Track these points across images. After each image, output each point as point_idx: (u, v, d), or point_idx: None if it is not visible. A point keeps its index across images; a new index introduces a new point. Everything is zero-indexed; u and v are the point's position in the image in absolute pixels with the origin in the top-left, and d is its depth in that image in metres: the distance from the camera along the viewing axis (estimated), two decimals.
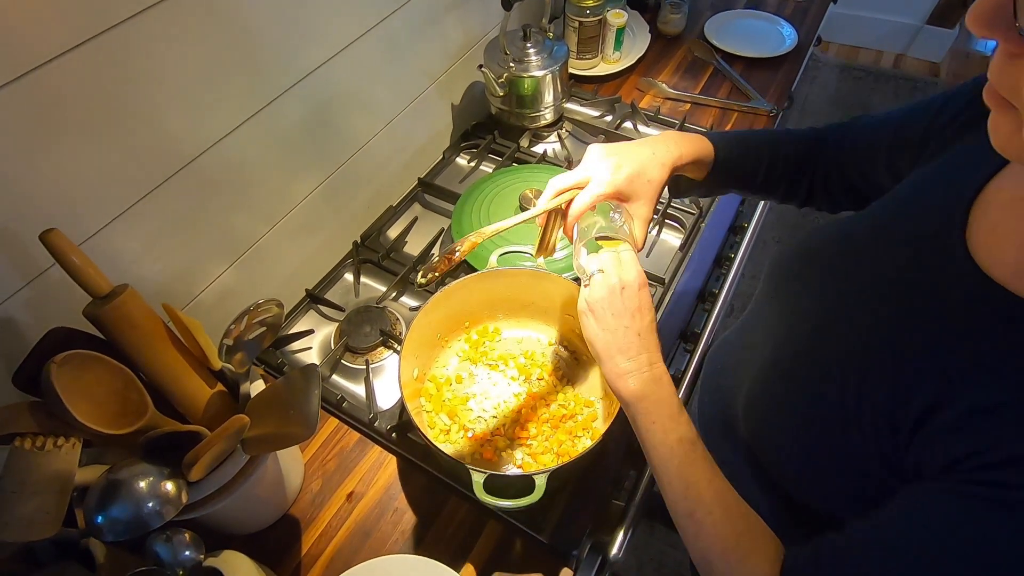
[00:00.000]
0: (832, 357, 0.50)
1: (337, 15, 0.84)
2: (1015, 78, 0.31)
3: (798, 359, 0.54)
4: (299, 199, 0.92)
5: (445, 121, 1.22)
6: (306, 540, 0.75)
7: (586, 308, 0.57)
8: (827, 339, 0.51)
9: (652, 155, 0.62)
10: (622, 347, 0.54)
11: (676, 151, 0.63)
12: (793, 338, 0.56)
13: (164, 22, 0.62)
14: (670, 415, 0.53)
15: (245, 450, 0.59)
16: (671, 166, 0.62)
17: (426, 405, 0.81)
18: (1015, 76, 0.31)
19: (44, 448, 0.50)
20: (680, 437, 0.52)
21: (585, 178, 0.61)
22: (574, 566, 0.71)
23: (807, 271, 0.58)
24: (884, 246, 0.51)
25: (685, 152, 0.64)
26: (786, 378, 0.55)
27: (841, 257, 0.55)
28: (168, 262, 0.75)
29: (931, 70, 2.97)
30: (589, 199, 0.60)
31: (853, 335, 0.49)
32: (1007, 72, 0.32)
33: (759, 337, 0.63)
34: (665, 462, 0.52)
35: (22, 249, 0.59)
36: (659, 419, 0.53)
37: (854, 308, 0.50)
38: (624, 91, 1.33)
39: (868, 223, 0.55)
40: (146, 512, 0.51)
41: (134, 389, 0.56)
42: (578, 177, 0.62)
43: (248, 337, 0.61)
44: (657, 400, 0.53)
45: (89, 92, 0.59)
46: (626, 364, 0.54)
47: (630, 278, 0.55)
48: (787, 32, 1.42)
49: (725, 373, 0.70)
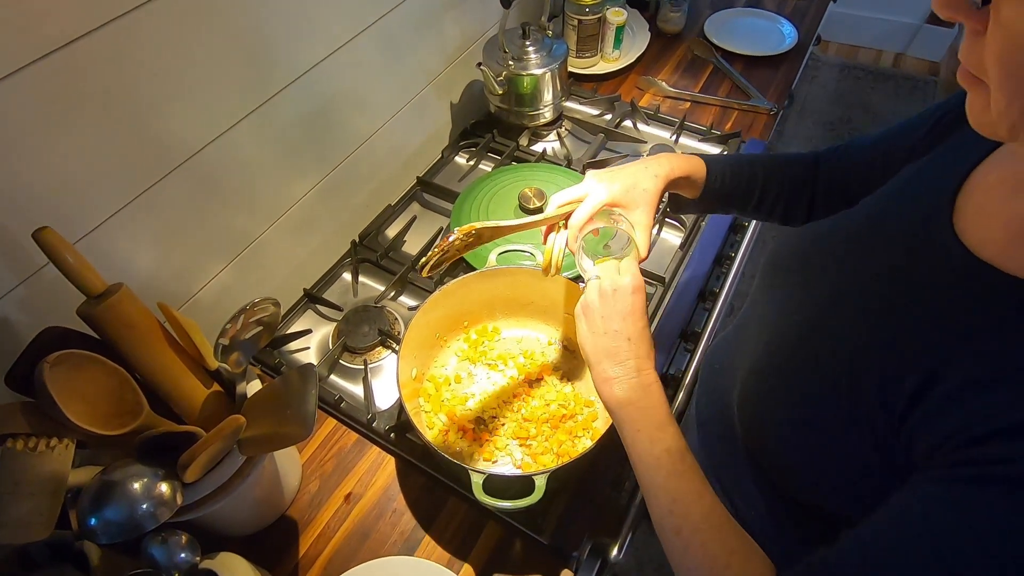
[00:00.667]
0: (824, 346, 0.49)
1: (335, 12, 0.83)
2: (979, 54, 0.33)
3: (790, 351, 0.53)
4: (297, 198, 0.92)
5: (444, 120, 1.21)
6: (304, 542, 0.74)
7: (579, 311, 0.58)
8: (819, 329, 0.51)
9: (645, 168, 0.65)
10: (610, 351, 0.54)
11: (668, 165, 0.66)
12: (785, 331, 0.55)
13: (160, 19, 0.62)
14: (657, 424, 0.52)
15: (241, 451, 0.58)
16: (664, 178, 0.65)
17: (425, 405, 0.80)
18: (979, 52, 0.33)
19: (37, 449, 0.49)
20: (667, 448, 0.50)
21: (583, 193, 0.64)
22: (574, 567, 0.71)
23: (799, 266, 0.59)
24: (874, 238, 0.51)
25: (676, 167, 0.66)
26: (778, 370, 0.54)
27: (832, 250, 0.55)
28: (164, 261, 0.75)
29: (930, 69, 2.97)
30: (588, 210, 0.62)
31: (844, 323, 0.49)
32: (974, 50, 0.34)
33: (752, 332, 0.63)
34: (651, 473, 0.50)
35: (16, 247, 0.58)
36: (644, 428, 0.52)
37: (845, 298, 0.50)
38: (624, 90, 1.32)
39: (859, 218, 0.55)
40: (140, 514, 0.50)
41: (129, 389, 0.55)
42: (577, 193, 0.64)
43: (244, 336, 0.60)
44: (643, 408, 0.52)
45: (84, 89, 0.58)
46: (613, 370, 0.53)
47: (624, 282, 0.56)
48: (787, 30, 1.42)
49: (722, 372, 0.70)
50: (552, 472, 0.61)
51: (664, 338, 0.90)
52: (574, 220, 0.63)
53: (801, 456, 0.52)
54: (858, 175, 0.66)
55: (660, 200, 0.65)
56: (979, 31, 0.33)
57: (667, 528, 0.50)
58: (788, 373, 0.53)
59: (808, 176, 0.72)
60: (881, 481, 0.44)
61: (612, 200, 0.63)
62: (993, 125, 0.35)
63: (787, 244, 0.62)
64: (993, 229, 0.41)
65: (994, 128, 0.35)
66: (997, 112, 0.34)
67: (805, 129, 2.74)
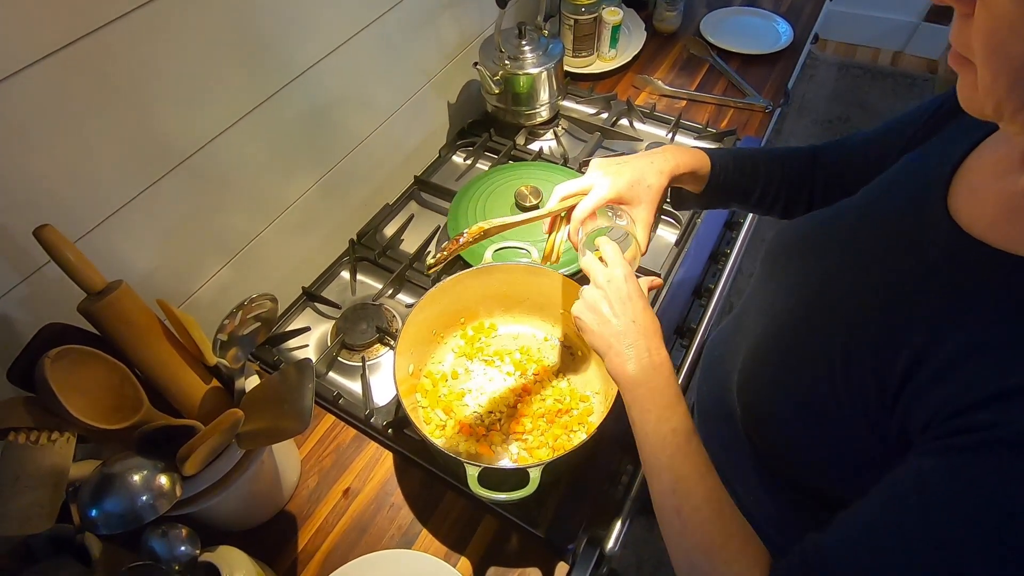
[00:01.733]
0: (819, 326, 0.50)
1: (332, 12, 0.84)
2: (967, 35, 0.35)
3: (787, 332, 0.54)
4: (295, 197, 0.92)
5: (441, 119, 1.22)
6: (302, 536, 0.75)
7: (580, 309, 0.59)
8: (814, 310, 0.52)
9: (650, 163, 0.65)
10: (618, 335, 0.55)
11: (673, 161, 0.66)
12: (783, 314, 0.56)
13: (160, 19, 0.63)
14: (666, 404, 0.53)
15: (240, 445, 0.59)
16: (669, 174, 0.66)
17: (422, 401, 0.81)
18: (967, 34, 0.35)
19: (38, 443, 0.50)
20: (674, 428, 0.51)
21: (588, 185, 0.65)
22: (570, 560, 0.72)
23: (797, 252, 0.59)
24: (871, 221, 0.52)
25: (682, 162, 0.67)
26: (776, 352, 0.55)
27: (830, 235, 0.56)
28: (164, 259, 0.76)
29: (929, 67, 2.97)
30: (591, 204, 0.63)
31: (839, 303, 0.50)
32: (963, 32, 0.36)
33: (751, 318, 0.64)
34: (656, 452, 0.51)
35: (18, 245, 0.59)
36: (654, 408, 0.53)
37: (841, 279, 0.51)
38: (620, 88, 1.33)
39: (856, 204, 0.56)
40: (140, 505, 0.51)
41: (129, 384, 0.56)
42: (581, 184, 0.65)
43: (242, 332, 0.61)
44: (653, 388, 0.53)
45: (85, 89, 0.59)
46: (625, 351, 0.55)
47: (615, 272, 0.58)
48: (783, 28, 1.42)
49: (722, 360, 0.70)
50: (546, 465, 0.62)
51: None
52: (577, 213, 0.64)
53: (799, 438, 0.52)
54: (857, 168, 0.67)
55: (663, 196, 0.66)
56: (968, 14, 0.35)
57: (667, 508, 0.50)
58: (785, 354, 0.54)
59: (808, 169, 0.72)
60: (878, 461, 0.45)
61: (616, 195, 0.64)
62: (980, 103, 0.37)
63: (786, 232, 0.63)
64: (984, 208, 0.43)
65: (981, 106, 0.37)
66: (984, 89, 0.35)
67: (803, 127, 2.74)
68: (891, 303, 0.45)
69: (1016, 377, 0.35)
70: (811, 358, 0.50)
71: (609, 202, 0.64)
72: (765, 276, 0.65)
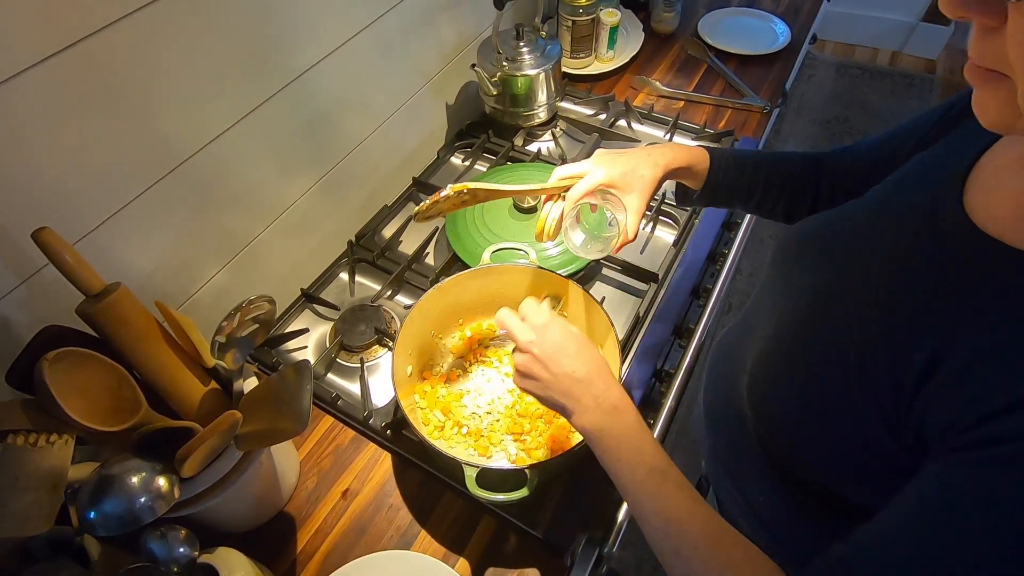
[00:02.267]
0: (832, 326, 0.49)
1: (331, 14, 0.85)
2: (999, 47, 0.32)
3: (797, 332, 0.54)
4: (294, 198, 0.93)
5: (439, 120, 1.22)
6: (301, 537, 0.75)
7: (519, 378, 0.59)
8: (826, 310, 0.51)
9: (647, 156, 0.68)
10: (563, 393, 0.55)
11: (670, 155, 0.69)
12: (793, 313, 0.55)
13: (158, 22, 0.63)
14: (634, 447, 0.52)
15: (238, 446, 0.59)
16: (664, 167, 0.68)
17: (420, 402, 0.81)
18: (999, 45, 0.32)
19: (37, 445, 0.50)
20: (649, 469, 0.50)
21: (585, 170, 0.68)
22: (569, 561, 0.72)
23: (807, 251, 0.59)
24: (882, 220, 0.51)
25: (679, 156, 0.69)
26: (787, 352, 0.54)
27: (840, 235, 0.56)
28: (162, 261, 0.76)
29: (927, 67, 2.98)
30: (587, 186, 0.66)
31: (852, 303, 0.49)
32: (989, 45, 0.33)
33: (761, 319, 0.64)
34: (639, 498, 0.50)
35: (16, 248, 0.59)
36: (623, 454, 0.52)
37: (853, 278, 0.50)
38: (618, 89, 1.33)
39: (867, 203, 0.56)
40: (138, 507, 0.51)
41: (127, 386, 0.56)
42: (579, 169, 0.69)
43: (240, 334, 0.61)
44: (617, 435, 0.52)
45: (83, 91, 0.60)
46: (575, 406, 0.55)
47: (535, 322, 0.59)
48: (780, 29, 1.43)
49: (730, 360, 0.70)
50: (543, 465, 0.62)
51: (658, 335, 0.91)
52: (571, 194, 0.67)
53: (811, 438, 0.51)
54: (865, 173, 0.66)
55: (658, 188, 0.68)
56: (994, 27, 0.32)
57: (666, 551, 0.48)
58: (796, 354, 0.53)
59: (811, 175, 0.72)
60: (891, 462, 0.44)
61: (610, 181, 0.66)
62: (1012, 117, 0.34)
63: (795, 232, 0.63)
64: (1001, 207, 0.42)
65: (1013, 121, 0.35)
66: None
67: (802, 128, 2.74)
68: (905, 302, 0.44)
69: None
70: (823, 358, 0.49)
71: (603, 187, 0.66)
72: (774, 276, 0.64)
